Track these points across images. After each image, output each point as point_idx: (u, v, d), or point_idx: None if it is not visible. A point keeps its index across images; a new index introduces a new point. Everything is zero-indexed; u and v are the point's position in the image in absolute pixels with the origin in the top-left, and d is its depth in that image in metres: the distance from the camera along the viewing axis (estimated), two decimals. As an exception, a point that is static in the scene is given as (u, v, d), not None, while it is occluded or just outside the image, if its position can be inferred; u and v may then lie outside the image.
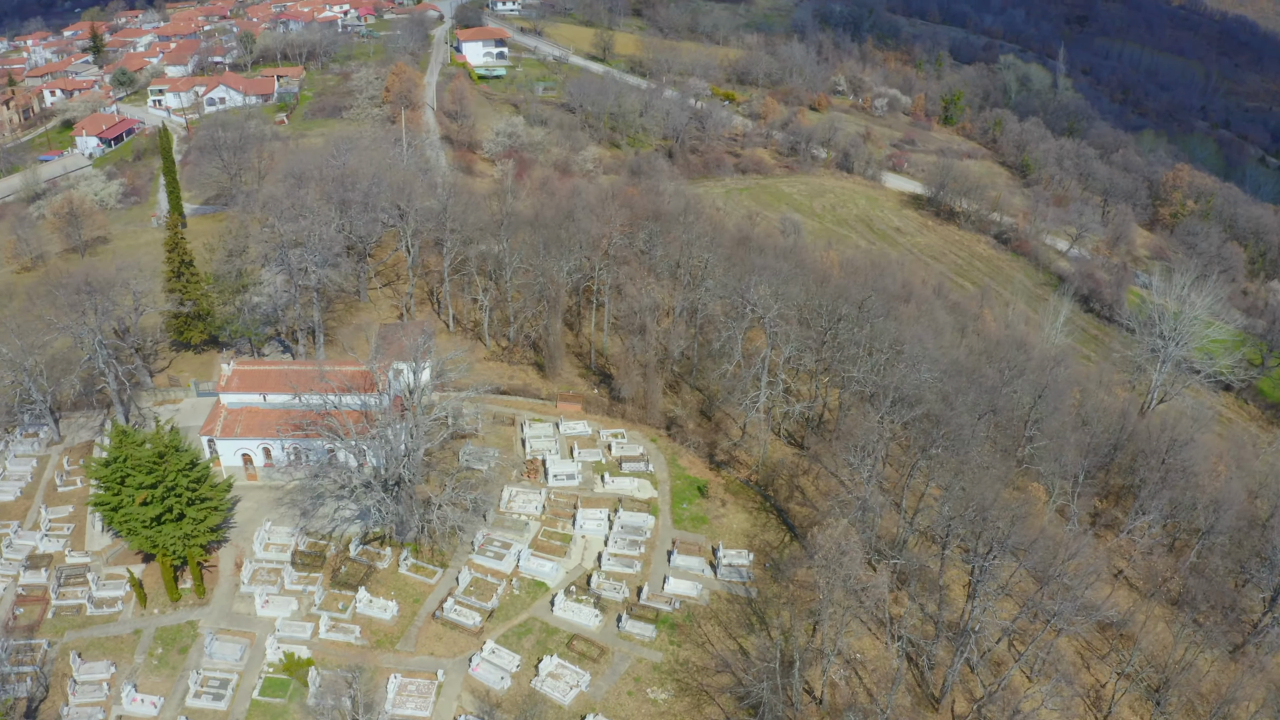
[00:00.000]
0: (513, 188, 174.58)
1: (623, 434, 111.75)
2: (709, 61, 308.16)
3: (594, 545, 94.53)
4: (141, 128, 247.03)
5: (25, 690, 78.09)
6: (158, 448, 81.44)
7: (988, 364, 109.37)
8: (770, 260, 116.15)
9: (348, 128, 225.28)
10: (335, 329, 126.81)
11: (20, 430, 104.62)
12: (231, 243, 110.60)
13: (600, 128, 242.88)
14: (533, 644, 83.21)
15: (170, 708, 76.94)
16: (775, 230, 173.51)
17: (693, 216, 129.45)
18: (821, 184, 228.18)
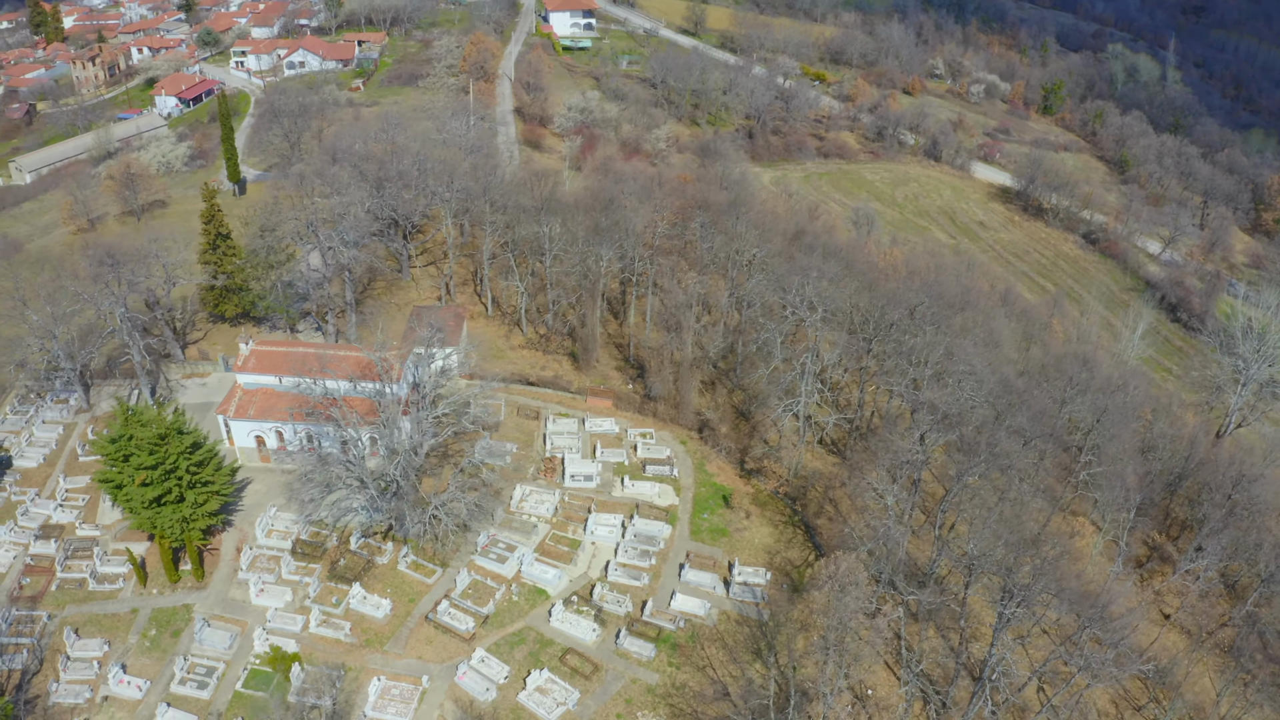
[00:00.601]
0: (569, 167, 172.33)
1: (651, 434, 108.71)
2: (803, 39, 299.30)
3: (604, 553, 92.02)
4: (221, 89, 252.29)
5: (20, 662, 79.71)
6: (160, 429, 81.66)
7: (1046, 381, 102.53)
8: (817, 261, 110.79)
9: (421, 97, 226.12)
10: (374, 308, 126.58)
11: (51, 396, 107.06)
12: (264, 217, 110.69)
13: (681, 105, 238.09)
14: (525, 655, 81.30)
15: (155, 692, 77.56)
16: (843, 222, 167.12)
17: (743, 207, 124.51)
18: (906, 172, 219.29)
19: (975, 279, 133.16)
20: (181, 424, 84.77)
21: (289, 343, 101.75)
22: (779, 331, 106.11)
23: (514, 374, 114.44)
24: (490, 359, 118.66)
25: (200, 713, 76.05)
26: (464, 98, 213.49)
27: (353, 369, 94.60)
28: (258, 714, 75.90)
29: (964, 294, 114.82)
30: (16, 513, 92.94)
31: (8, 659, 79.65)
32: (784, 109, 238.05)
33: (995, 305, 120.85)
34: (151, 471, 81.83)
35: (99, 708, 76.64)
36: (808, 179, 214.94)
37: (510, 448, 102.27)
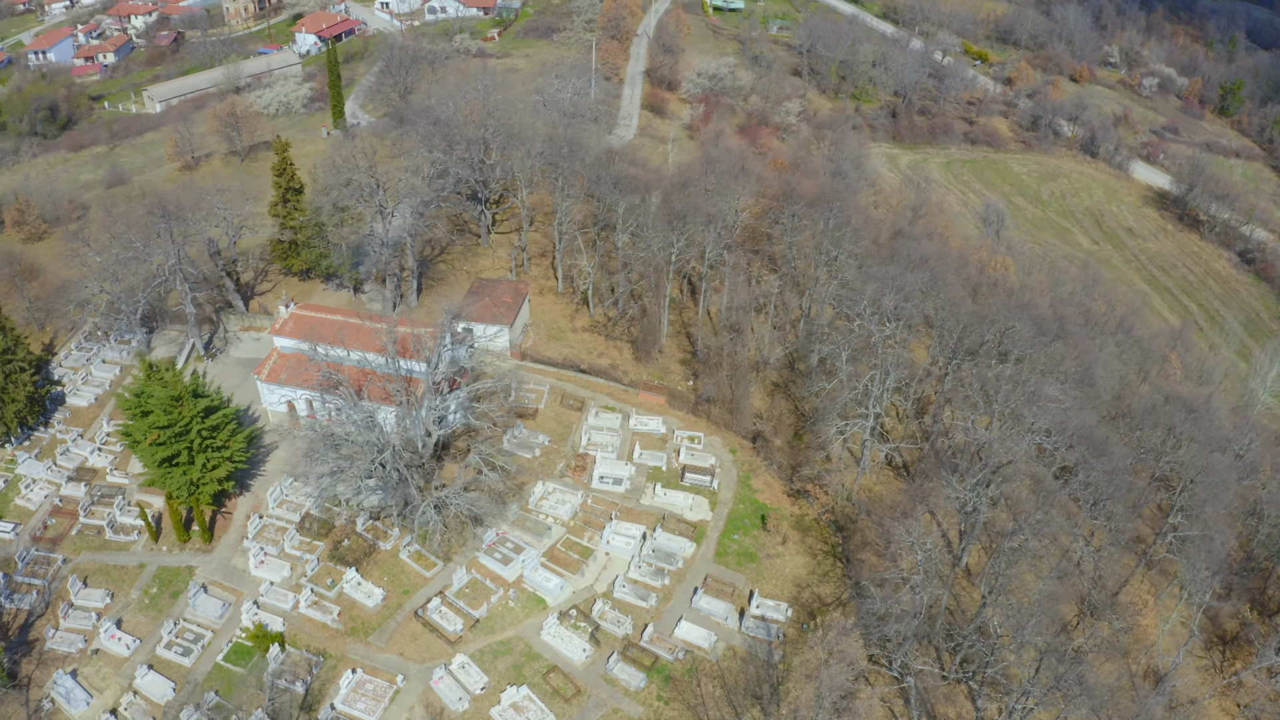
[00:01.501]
0: (675, 137, 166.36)
1: (700, 439, 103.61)
2: (970, 15, 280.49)
3: (616, 565, 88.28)
4: (362, 29, 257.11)
5: (29, 603, 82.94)
6: (175, 390, 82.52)
7: (1142, 429, 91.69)
8: (896, 270, 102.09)
9: (554, 51, 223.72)
10: (444, 275, 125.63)
11: (115, 336, 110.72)
12: (326, 174, 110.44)
13: (827, 76, 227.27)
14: (507, 667, 78.83)
15: (142, 652, 79.29)
16: (970, 218, 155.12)
17: (837, 201, 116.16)
18: (1057, 166, 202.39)
19: (1097, 297, 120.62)
20: (199, 387, 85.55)
21: (328, 309, 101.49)
22: (845, 345, 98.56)
23: (567, 359, 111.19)
24: (548, 340, 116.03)
25: (179, 680, 77.26)
26: (600, 53, 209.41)
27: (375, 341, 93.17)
28: (233, 689, 76.48)
29: (1073, 316, 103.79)
30: (56, 451, 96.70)
31: (19, 598, 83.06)
32: (935, 88, 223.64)
33: (1108, 331, 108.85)
34: (165, 431, 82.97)
35: (88, 659, 78.94)
36: (948, 166, 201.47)
37: (542, 439, 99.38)
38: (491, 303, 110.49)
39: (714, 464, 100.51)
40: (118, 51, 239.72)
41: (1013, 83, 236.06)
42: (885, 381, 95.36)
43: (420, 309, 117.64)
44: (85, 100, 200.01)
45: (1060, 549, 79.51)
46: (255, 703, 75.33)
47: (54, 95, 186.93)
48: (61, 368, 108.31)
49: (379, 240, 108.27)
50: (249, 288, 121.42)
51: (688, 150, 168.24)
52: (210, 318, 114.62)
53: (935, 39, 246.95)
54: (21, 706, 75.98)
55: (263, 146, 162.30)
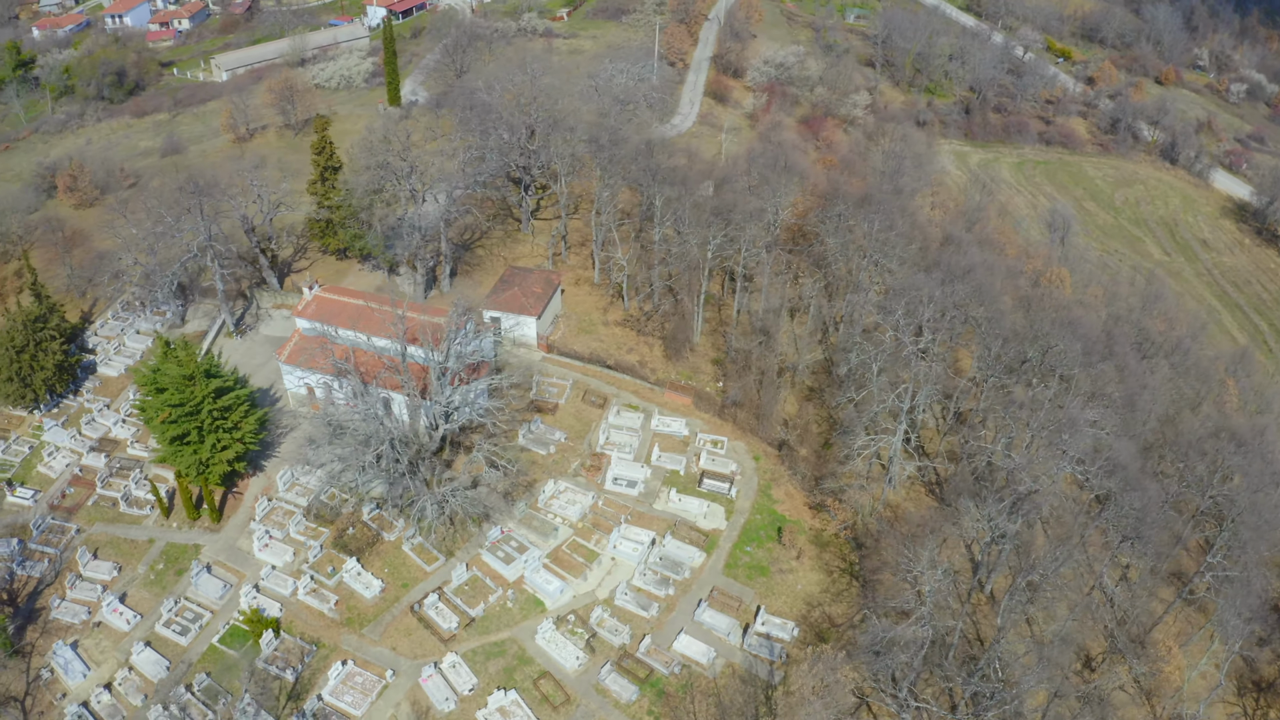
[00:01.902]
0: (730, 127, 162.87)
1: (723, 444, 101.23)
2: (1056, 10, 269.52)
3: (621, 572, 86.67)
4: (434, 4, 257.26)
5: (40, 571, 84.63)
6: (187, 369, 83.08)
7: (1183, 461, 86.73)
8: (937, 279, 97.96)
9: (622, 34, 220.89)
10: (480, 261, 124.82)
11: (151, 308, 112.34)
12: (363, 155, 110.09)
13: (901, 68, 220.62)
14: (499, 669, 77.97)
15: (141, 628, 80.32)
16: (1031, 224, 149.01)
17: (882, 203, 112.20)
18: (1134, 171, 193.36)
19: (1156, 314, 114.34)
20: (213, 367, 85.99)
21: (351, 293, 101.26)
22: (877, 355, 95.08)
23: (593, 353, 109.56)
24: (578, 332, 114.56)
25: (174, 658, 78.07)
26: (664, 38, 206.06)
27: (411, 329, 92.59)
28: (225, 672, 77.03)
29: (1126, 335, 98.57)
30: (81, 421, 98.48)
31: (31, 565, 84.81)
32: (1013, 85, 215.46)
33: (1163, 352, 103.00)
34: (176, 409, 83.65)
35: (90, 631, 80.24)
36: (1020, 166, 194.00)
37: (559, 436, 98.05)
38: (520, 292, 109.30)
39: (734, 471, 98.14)
40: (193, 18, 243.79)
41: (1094, 82, 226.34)
42: (915, 397, 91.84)
43: (453, 294, 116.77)
44: (155, 66, 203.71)
45: (1087, 582, 75.47)
46: (244, 688, 75.77)
47: (123, 60, 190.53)
48: (96, 336, 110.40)
49: (410, 224, 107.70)
50: (286, 265, 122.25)
51: (746, 141, 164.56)
52: (244, 293, 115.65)
53: (1017, 34, 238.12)
54: (22, 674, 77.61)
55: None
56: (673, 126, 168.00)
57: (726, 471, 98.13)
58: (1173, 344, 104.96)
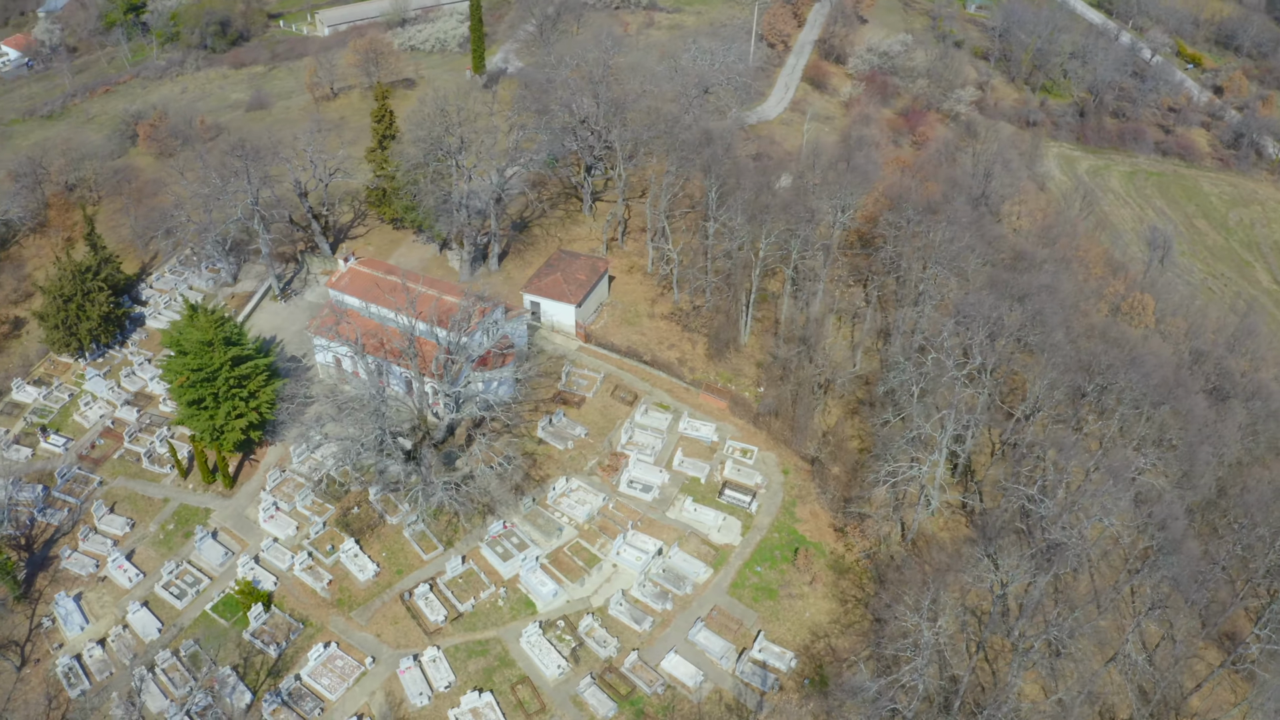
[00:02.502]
0: (813, 118, 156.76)
1: (752, 453, 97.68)
2: (1191, 13, 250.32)
3: (621, 580, 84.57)
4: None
5: (59, 519, 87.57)
6: (206, 335, 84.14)
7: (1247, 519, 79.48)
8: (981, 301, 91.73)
9: (728, 10, 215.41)
10: (537, 240, 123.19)
11: (206, 264, 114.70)
12: (412, 128, 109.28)
13: (1017, 63, 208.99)
14: (478, 669, 77.10)
15: (141, 587, 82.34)
16: (1131, 240, 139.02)
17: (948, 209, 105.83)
18: (1254, 191, 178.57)
19: (1244, 351, 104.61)
20: (232, 334, 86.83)
21: (387, 267, 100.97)
22: (917, 379, 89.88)
23: (631, 347, 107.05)
24: (621, 323, 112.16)
25: (167, 620, 79.89)
26: (765, 17, 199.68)
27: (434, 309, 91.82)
28: (213, 639, 78.29)
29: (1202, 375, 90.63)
30: (121, 373, 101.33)
31: (51, 513, 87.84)
32: (1135, 89, 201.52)
33: (1241, 396, 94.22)
34: (195, 374, 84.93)
35: (94, 585, 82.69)
36: (1131, 176, 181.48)
37: (579, 431, 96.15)
38: (562, 278, 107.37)
39: (759, 483, 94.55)
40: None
41: (1222, 92, 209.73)
42: (954, 426, 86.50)
43: (500, 274, 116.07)
44: (262, 17, 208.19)
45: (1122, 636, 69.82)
46: (228, 658, 76.96)
47: (230, 10, 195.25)
48: (150, 290, 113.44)
49: (457, 201, 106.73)
50: (344, 230, 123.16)
51: (836, 131, 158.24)
52: (295, 257, 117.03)
53: (1147, 35, 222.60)
54: (26, 619, 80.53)
55: (403, 84, 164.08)
56: (760, 112, 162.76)
57: (750, 484, 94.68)
58: (1254, 387, 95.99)
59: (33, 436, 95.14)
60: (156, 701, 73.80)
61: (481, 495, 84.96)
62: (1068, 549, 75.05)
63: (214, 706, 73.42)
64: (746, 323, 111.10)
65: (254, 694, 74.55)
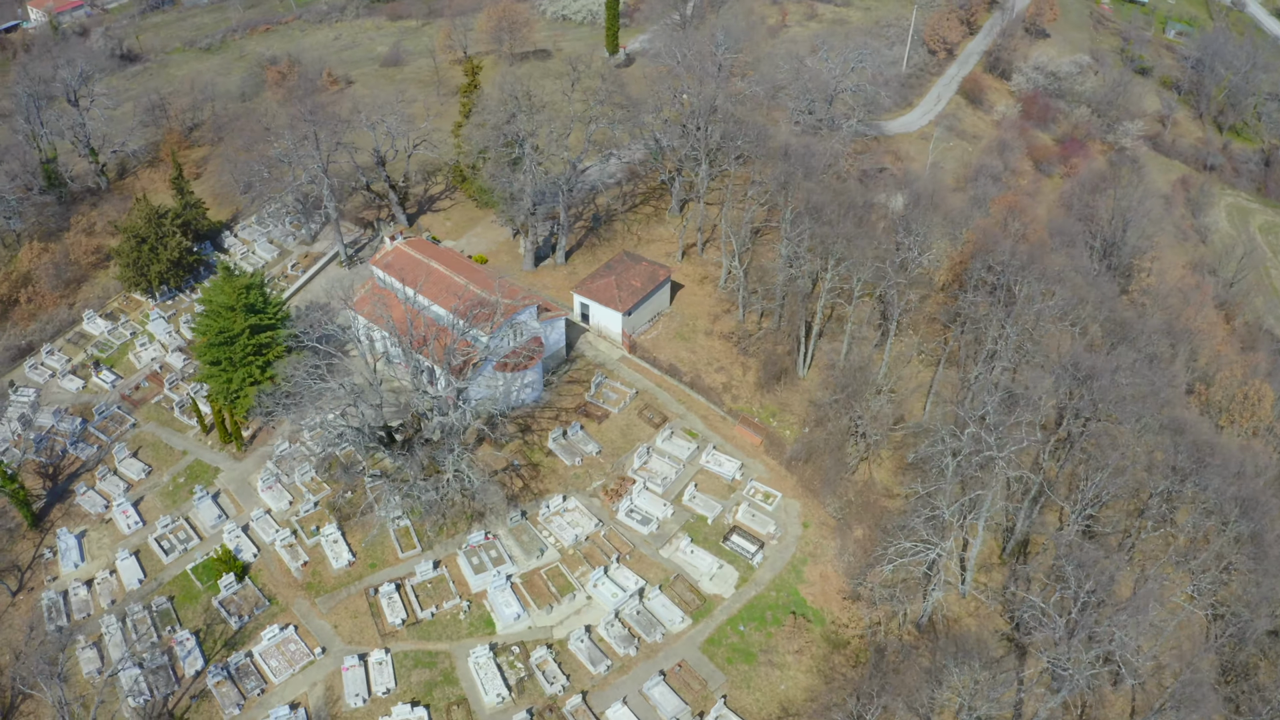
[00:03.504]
0: (939, 140, 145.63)
1: (775, 499, 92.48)
2: None
3: (591, 614, 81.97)
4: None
5: (87, 454, 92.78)
6: (229, 300, 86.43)
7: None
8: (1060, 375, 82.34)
9: (901, 9, 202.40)
10: (614, 236, 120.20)
11: (290, 219, 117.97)
12: (480, 113, 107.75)
13: (1208, 98, 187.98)
14: (420, 681, 76.64)
15: (138, 535, 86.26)
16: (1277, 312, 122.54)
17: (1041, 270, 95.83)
18: None
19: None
20: (256, 302, 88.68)
21: (430, 250, 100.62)
22: (950, 449, 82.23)
23: (672, 364, 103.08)
24: (674, 336, 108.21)
25: (151, 573, 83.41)
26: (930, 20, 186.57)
27: (460, 301, 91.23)
28: (185, 602, 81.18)
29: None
30: (182, 319, 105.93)
31: (82, 447, 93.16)
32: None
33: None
34: (216, 335, 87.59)
35: (98, 526, 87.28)
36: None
37: (592, 449, 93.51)
38: (615, 282, 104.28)
39: (771, 533, 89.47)
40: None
41: None
42: (974, 512, 78.86)
43: (564, 269, 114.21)
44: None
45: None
46: (193, 622, 79.63)
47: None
48: (234, 238, 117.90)
49: (517, 189, 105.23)
50: (430, 202, 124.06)
51: (973, 154, 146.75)
52: (371, 224, 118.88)
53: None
54: (33, 548, 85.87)
55: (537, 55, 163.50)
56: (901, 123, 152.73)
57: (762, 532, 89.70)
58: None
59: (88, 369, 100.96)
60: (118, 651, 77.19)
61: (469, 499, 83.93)
62: (1063, 682, 67.08)
63: (167, 667, 76.33)
64: (807, 355, 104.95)
65: (206, 662, 76.86)
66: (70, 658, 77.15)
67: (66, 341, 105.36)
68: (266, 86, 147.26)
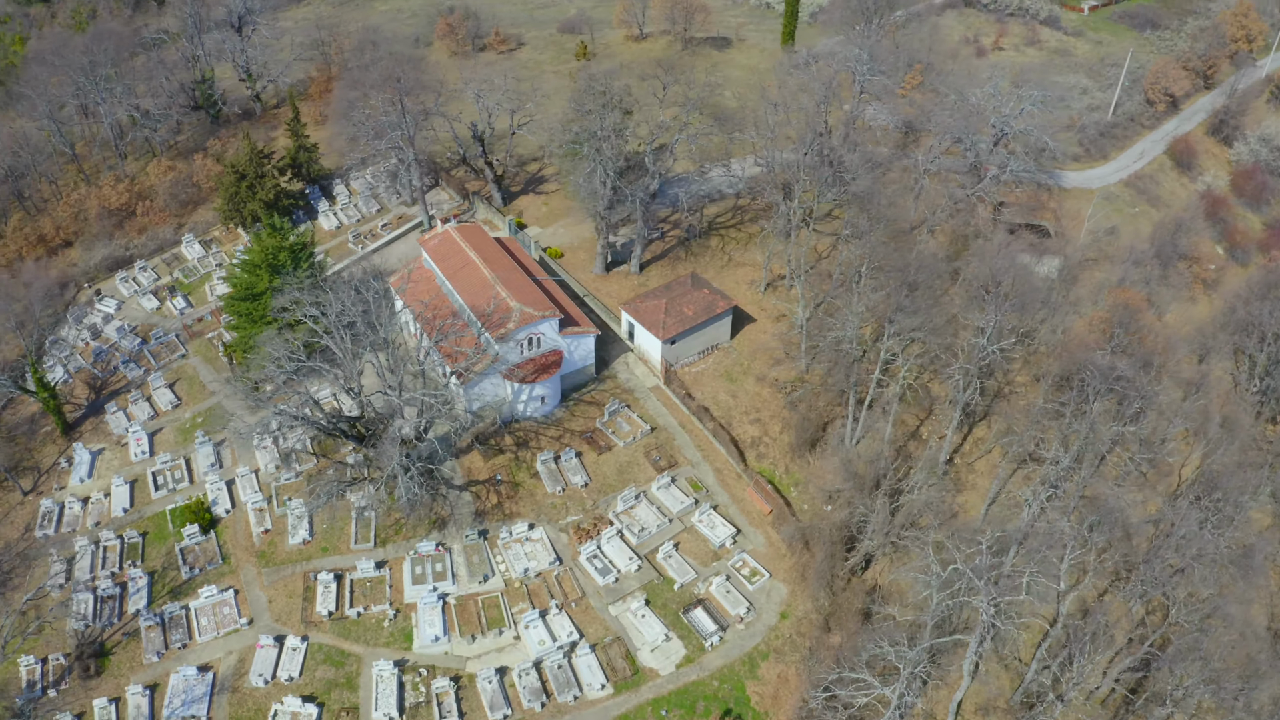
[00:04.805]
0: (1099, 202, 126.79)
1: (761, 578, 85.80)
2: None
3: (512, 656, 79.44)
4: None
5: (133, 375, 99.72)
6: (255, 258, 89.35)
7: None
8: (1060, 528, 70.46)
9: (1136, 49, 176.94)
10: (706, 252, 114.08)
11: (400, 179, 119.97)
12: (575, 102, 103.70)
13: None
14: (323, 679, 77.45)
15: (140, 466, 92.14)
16: None
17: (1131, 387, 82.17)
18: None
19: None
20: (279, 263, 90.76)
21: (479, 240, 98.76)
22: (936, 574, 72.79)
23: (699, 405, 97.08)
24: (720, 375, 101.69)
25: (137, 505, 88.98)
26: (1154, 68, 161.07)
27: (485, 300, 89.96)
28: (154, 541, 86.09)
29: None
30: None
31: (131, 367, 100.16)
32: None
33: None
34: (244, 289, 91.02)
35: (114, 447, 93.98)
36: None
37: (579, 480, 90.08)
38: (665, 306, 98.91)
39: (743, 616, 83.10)
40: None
41: None
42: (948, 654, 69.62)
43: (637, 279, 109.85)
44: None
45: None
46: (153, 563, 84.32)
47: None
48: (344, 188, 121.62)
49: (592, 191, 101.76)
50: (534, 183, 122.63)
51: (1141, 224, 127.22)
52: (471, 196, 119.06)
53: None
54: (57, 454, 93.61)
55: (713, 42, 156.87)
56: (1086, 176, 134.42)
57: (731, 612, 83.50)
58: None
59: (165, 292, 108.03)
60: (82, 573, 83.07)
61: (460, 507, 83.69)
62: None
63: (116, 599, 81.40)
64: (854, 426, 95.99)
65: (148, 604, 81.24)
66: (42, 566, 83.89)
67: (161, 260, 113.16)
68: (435, 37, 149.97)
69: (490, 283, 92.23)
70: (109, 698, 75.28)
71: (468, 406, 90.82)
